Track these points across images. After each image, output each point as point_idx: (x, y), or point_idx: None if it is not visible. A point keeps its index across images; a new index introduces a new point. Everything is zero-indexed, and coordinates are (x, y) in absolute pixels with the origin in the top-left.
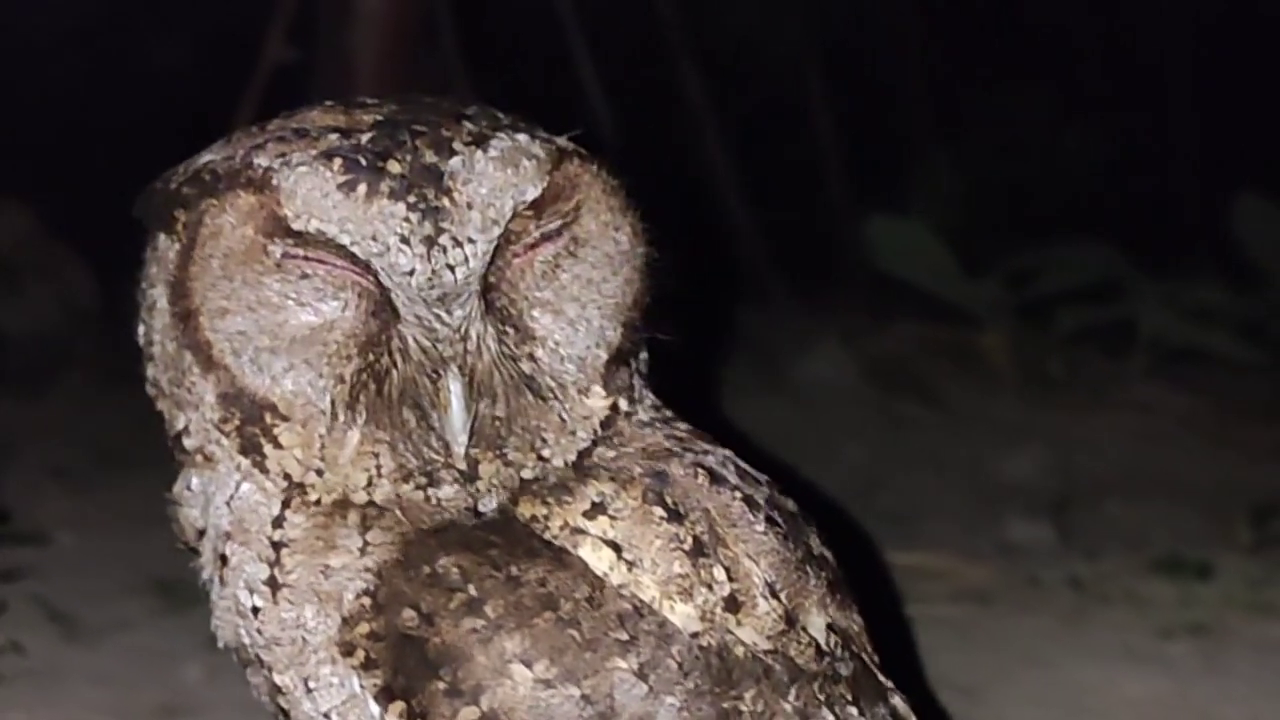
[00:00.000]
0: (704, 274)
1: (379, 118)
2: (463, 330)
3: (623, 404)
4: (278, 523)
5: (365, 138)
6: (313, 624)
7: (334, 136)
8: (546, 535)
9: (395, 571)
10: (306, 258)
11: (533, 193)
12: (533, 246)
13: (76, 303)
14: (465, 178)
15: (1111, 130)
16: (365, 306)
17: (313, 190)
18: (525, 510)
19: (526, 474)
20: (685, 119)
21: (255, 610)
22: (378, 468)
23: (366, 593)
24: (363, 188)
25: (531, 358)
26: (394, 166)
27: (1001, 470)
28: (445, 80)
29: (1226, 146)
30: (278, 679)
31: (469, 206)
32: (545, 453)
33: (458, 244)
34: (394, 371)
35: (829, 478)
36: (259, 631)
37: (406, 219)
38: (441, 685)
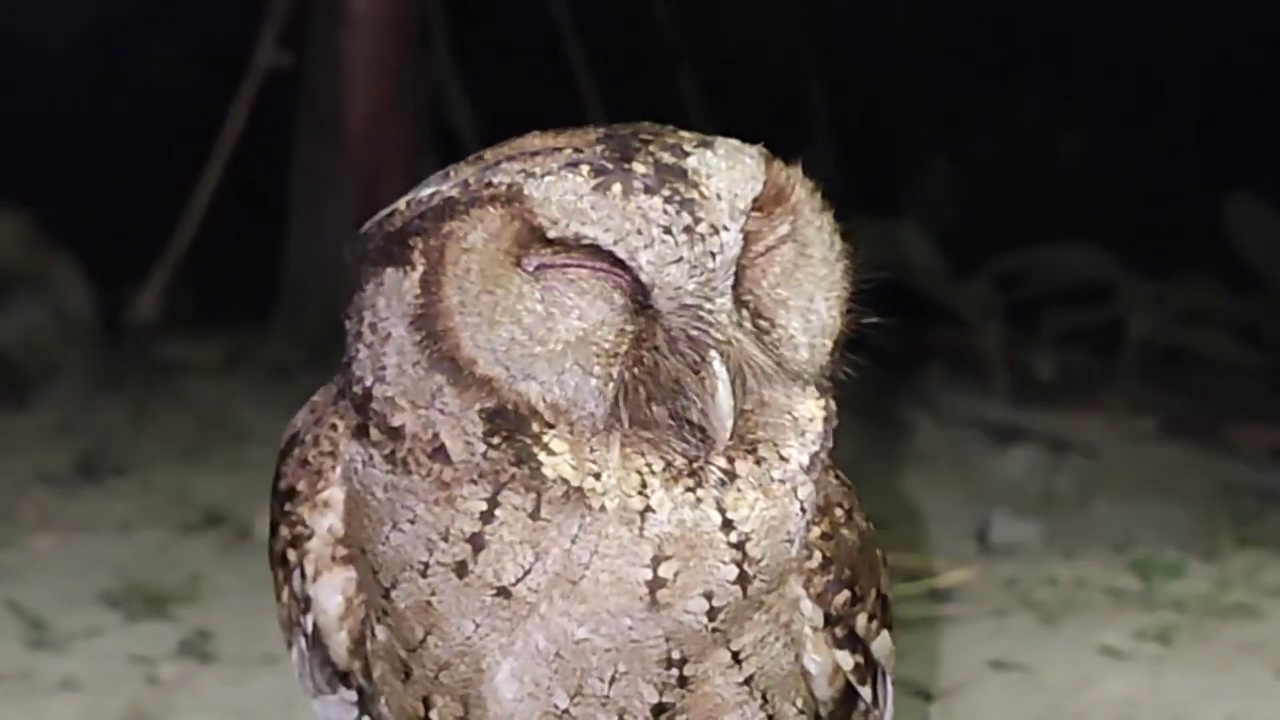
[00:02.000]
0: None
1: (601, 134)
2: (725, 317)
3: (833, 406)
4: None
5: (599, 149)
6: None
7: (568, 150)
8: None
9: None
10: (565, 264)
11: (759, 188)
12: (770, 249)
13: (68, 310)
14: (706, 172)
15: (1109, 132)
16: (628, 305)
17: (566, 194)
18: None
19: (775, 473)
20: (683, 123)
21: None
22: (648, 467)
23: None
24: (618, 186)
25: (777, 345)
26: (639, 166)
27: (989, 471)
28: (438, 85)
29: (1224, 148)
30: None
31: (718, 197)
32: (785, 452)
33: (715, 231)
34: (661, 365)
35: None
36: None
37: (665, 210)
38: None
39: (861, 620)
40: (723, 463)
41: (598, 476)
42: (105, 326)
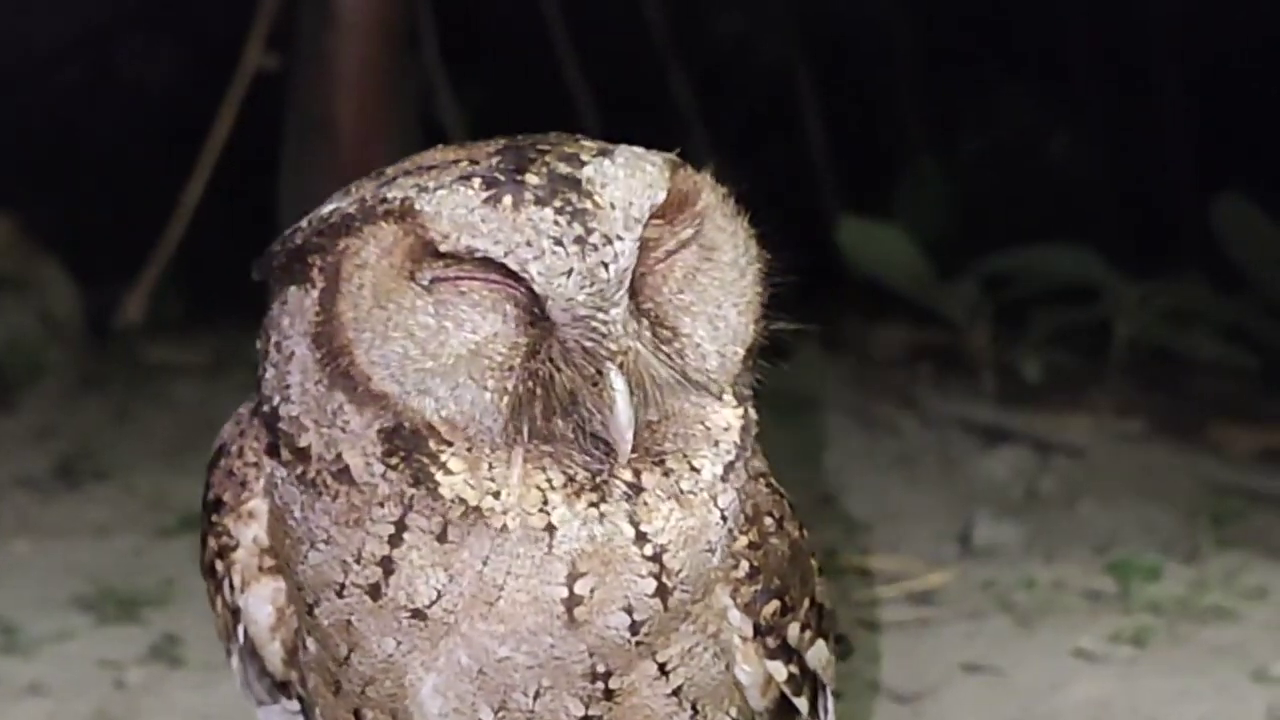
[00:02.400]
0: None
1: (498, 147)
2: (622, 326)
3: (751, 413)
4: None
5: (494, 160)
6: None
7: (463, 163)
8: None
9: None
10: (458, 277)
11: (660, 196)
12: (670, 254)
13: (55, 313)
14: (602, 182)
15: (1098, 133)
16: (522, 317)
17: (457, 208)
18: None
19: (685, 485)
20: (674, 124)
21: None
22: (549, 482)
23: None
24: (508, 198)
25: (681, 354)
26: (531, 178)
27: (975, 473)
28: (427, 86)
29: (1213, 150)
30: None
31: (612, 206)
32: (696, 463)
33: (608, 241)
34: (556, 378)
35: (799, 483)
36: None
37: (556, 222)
38: None
39: (793, 630)
40: (628, 475)
41: (496, 495)
42: (92, 329)
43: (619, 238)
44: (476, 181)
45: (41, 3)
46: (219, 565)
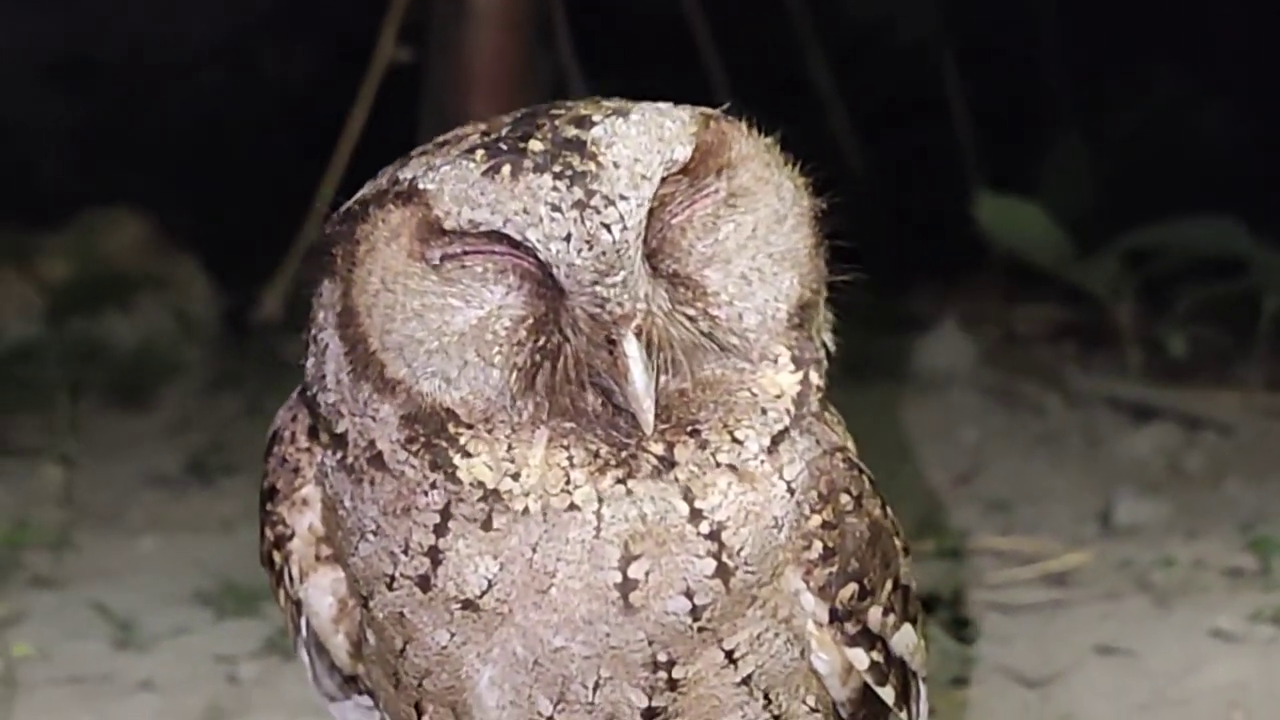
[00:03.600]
0: (837, 260)
1: (517, 115)
2: (630, 289)
3: (814, 378)
4: None
5: (505, 130)
6: None
7: (475, 136)
8: None
9: None
10: (465, 253)
11: (681, 152)
12: (690, 205)
13: (191, 312)
14: (609, 142)
15: (1247, 106)
16: (529, 288)
17: (458, 184)
18: None
19: (724, 458)
20: (812, 107)
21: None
22: (570, 460)
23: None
24: (507, 168)
25: (708, 314)
26: (535, 145)
27: (1119, 451)
28: (561, 76)
29: None
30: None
31: (615, 166)
32: (739, 434)
33: (609, 202)
34: (566, 347)
35: (938, 463)
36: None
37: (555, 188)
38: None
39: (875, 615)
40: (659, 449)
41: (516, 477)
42: (229, 327)
43: (622, 198)
44: (479, 154)
45: (186, 6)
46: (276, 556)
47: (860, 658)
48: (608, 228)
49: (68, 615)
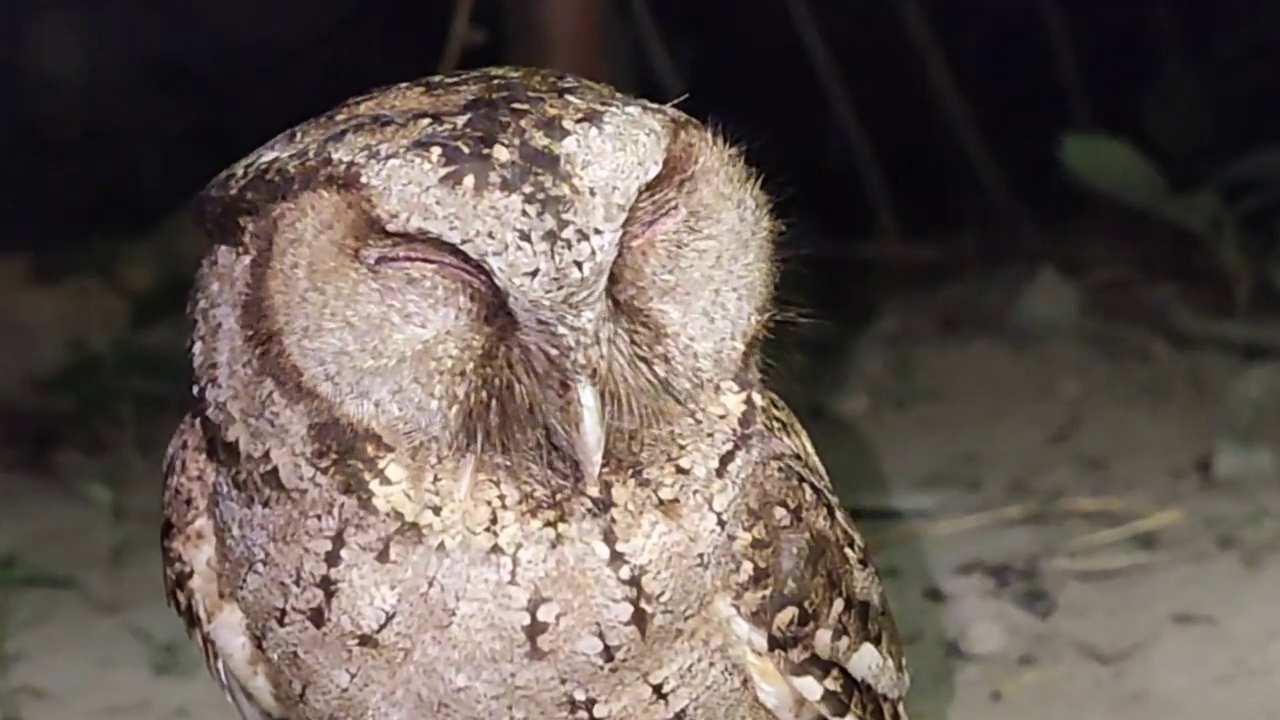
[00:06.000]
0: (934, 208)
1: (470, 98)
2: (593, 334)
3: (757, 398)
4: None
5: (460, 121)
6: None
7: (424, 122)
8: None
9: None
10: (409, 257)
11: (654, 170)
12: (649, 224)
13: None
14: (584, 160)
15: None
16: (479, 312)
17: (410, 185)
18: None
19: (666, 493)
20: (909, 55)
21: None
22: (500, 499)
23: None
24: (469, 179)
25: (665, 358)
26: (501, 152)
27: (1226, 397)
28: (639, 46)
29: None
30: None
31: (592, 193)
32: (684, 463)
33: (583, 236)
34: (516, 387)
35: (1036, 420)
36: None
37: (524, 212)
38: None
39: (823, 639)
40: (595, 491)
41: (438, 510)
42: None
43: (597, 231)
44: (435, 152)
45: (274, 6)
46: (180, 596)
47: (811, 687)
48: (579, 265)
49: (109, 640)
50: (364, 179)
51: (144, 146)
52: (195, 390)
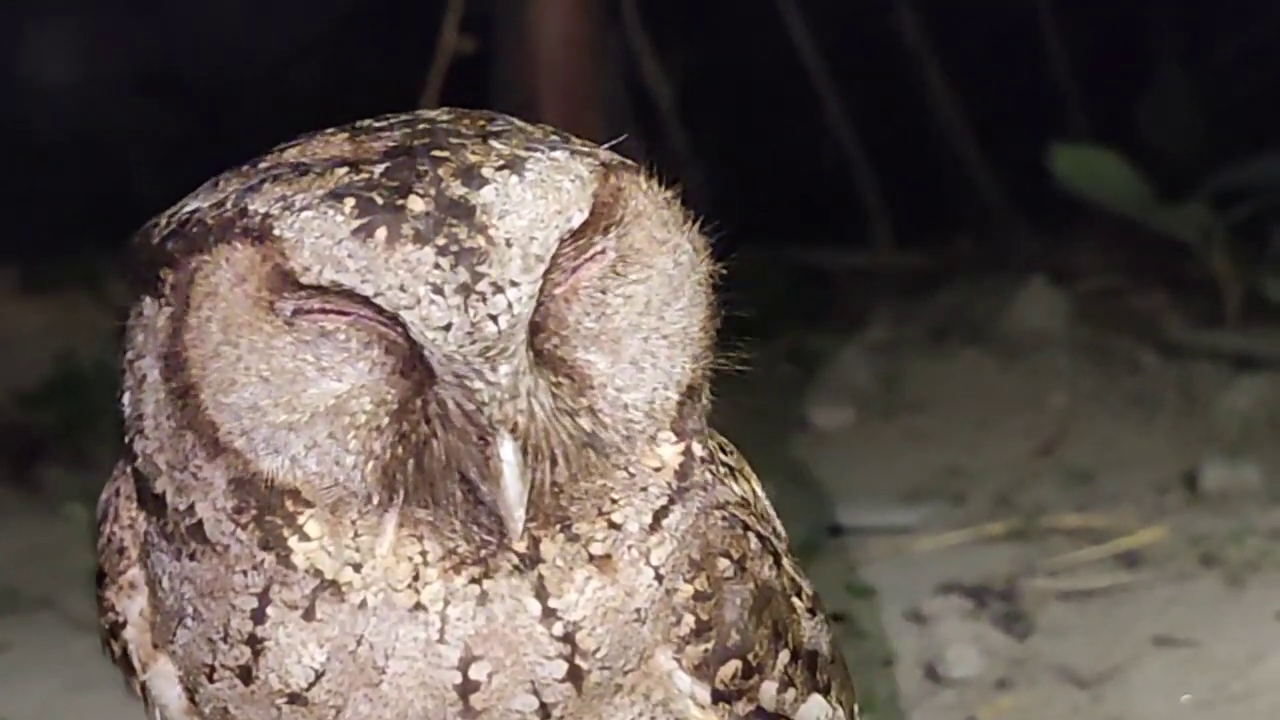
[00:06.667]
0: (927, 215)
1: (391, 144)
2: (510, 388)
3: (697, 449)
4: None
5: (378, 171)
6: None
7: (341, 171)
8: None
9: None
10: (324, 310)
11: (578, 218)
12: (574, 270)
13: None
14: (501, 210)
15: None
16: (395, 365)
17: (322, 238)
18: None
19: (597, 548)
20: (904, 61)
21: None
22: (423, 555)
23: None
24: (382, 231)
25: (591, 410)
26: (416, 203)
27: (1215, 408)
28: (630, 53)
29: None
30: None
31: (508, 244)
32: (616, 517)
33: (499, 289)
34: (433, 442)
35: (1024, 432)
36: None
37: (437, 265)
38: None
39: (769, 691)
40: (522, 546)
41: (358, 568)
42: None
43: (513, 283)
44: (349, 204)
45: (267, 12)
46: (114, 646)
47: None
48: (494, 319)
49: (83, 661)
50: (277, 231)
51: (136, 155)
52: (126, 438)
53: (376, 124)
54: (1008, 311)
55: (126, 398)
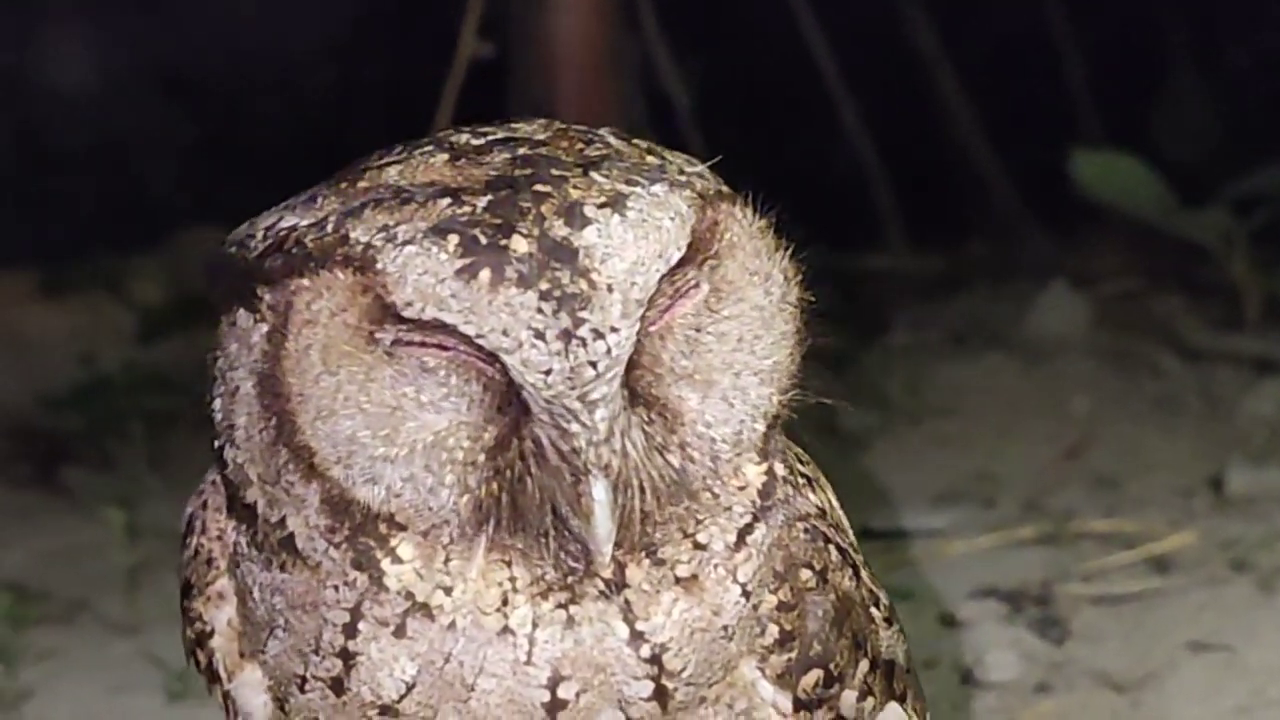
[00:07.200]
0: (946, 220)
1: (493, 173)
2: (605, 431)
3: (779, 468)
4: None
5: (481, 204)
6: None
7: (444, 203)
8: None
9: None
10: (424, 343)
11: (677, 256)
12: (669, 308)
13: None
14: (604, 253)
15: None
16: (493, 401)
17: (425, 275)
18: None
19: (683, 570)
20: (916, 66)
21: None
22: (512, 580)
23: None
24: (485, 274)
25: (682, 446)
26: (519, 244)
27: (1237, 413)
28: (647, 58)
29: None
30: None
31: (609, 289)
32: (701, 538)
33: (599, 335)
34: (528, 479)
35: (1049, 437)
36: None
37: (540, 310)
38: None
39: (849, 700)
40: (609, 572)
41: (448, 591)
42: None
43: (613, 329)
44: (452, 242)
45: (282, 17)
46: (200, 655)
47: None
48: (594, 364)
49: (123, 665)
50: (380, 264)
51: (153, 159)
52: (215, 445)
53: (474, 140)
54: (1028, 316)
55: (217, 404)
